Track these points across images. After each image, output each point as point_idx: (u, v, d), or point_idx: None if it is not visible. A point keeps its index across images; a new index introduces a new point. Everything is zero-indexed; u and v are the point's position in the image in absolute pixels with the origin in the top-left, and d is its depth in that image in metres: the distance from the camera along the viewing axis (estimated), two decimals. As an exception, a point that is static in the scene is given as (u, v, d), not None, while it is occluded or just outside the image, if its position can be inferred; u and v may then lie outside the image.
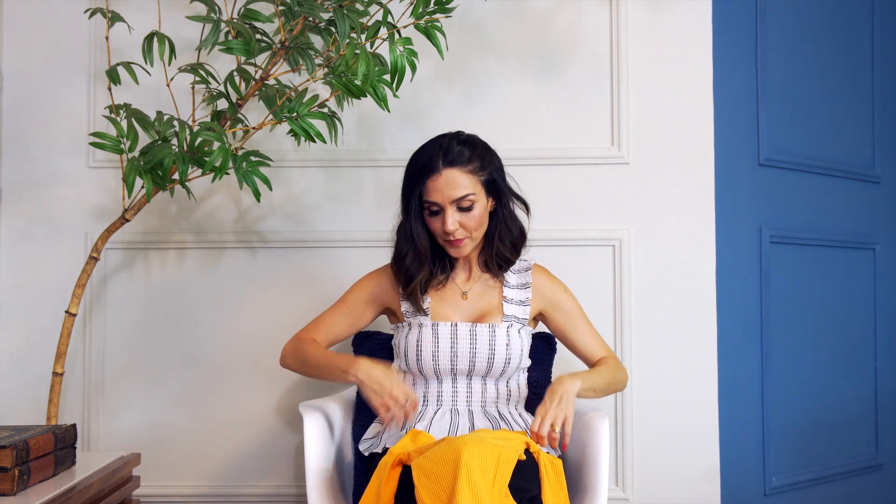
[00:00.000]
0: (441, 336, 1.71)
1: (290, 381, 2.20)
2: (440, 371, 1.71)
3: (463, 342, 1.71)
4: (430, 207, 1.70)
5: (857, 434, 2.61)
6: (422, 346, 1.71)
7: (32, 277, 2.20)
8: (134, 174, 1.74)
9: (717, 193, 2.24)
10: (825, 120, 2.56)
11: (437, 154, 1.69)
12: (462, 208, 1.69)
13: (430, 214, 1.71)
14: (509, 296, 1.79)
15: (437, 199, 1.68)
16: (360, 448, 1.75)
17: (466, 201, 1.69)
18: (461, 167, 1.69)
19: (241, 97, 1.87)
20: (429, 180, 1.68)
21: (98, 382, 2.20)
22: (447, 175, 1.68)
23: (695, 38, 2.24)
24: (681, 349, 2.20)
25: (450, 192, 1.67)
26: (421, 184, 1.69)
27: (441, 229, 1.70)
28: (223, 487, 2.21)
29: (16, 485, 1.43)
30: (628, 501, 2.19)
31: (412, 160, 1.73)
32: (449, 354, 1.71)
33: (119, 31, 1.97)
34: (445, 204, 1.68)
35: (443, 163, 1.68)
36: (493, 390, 1.74)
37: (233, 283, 2.22)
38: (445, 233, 1.69)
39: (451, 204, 1.68)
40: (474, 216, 1.70)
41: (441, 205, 1.68)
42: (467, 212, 1.69)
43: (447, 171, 1.68)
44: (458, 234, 1.70)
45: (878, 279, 2.67)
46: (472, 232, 1.71)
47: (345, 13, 1.69)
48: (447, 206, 1.68)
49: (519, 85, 2.24)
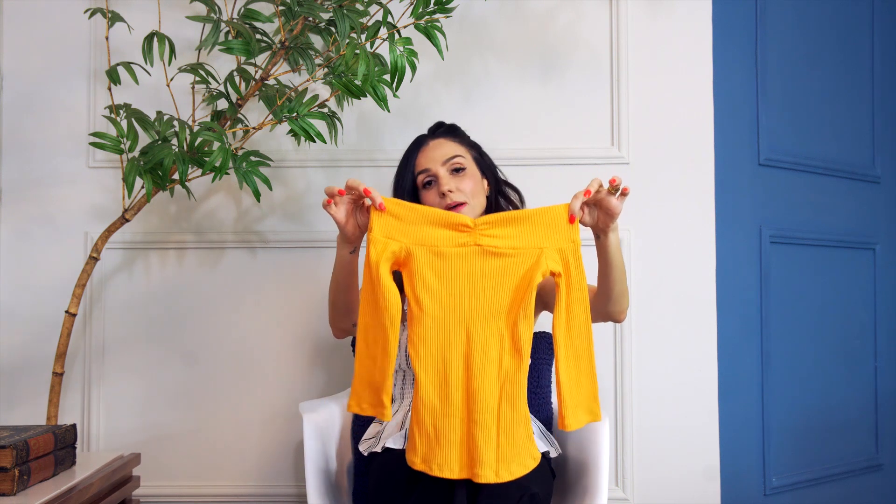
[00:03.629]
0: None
1: (290, 380, 2.20)
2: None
3: None
4: (424, 179, 1.72)
5: (857, 434, 2.61)
6: None
7: (32, 277, 2.20)
8: (134, 174, 1.74)
9: (717, 193, 2.24)
10: (825, 120, 2.56)
11: (423, 135, 1.79)
12: (454, 170, 1.71)
13: (425, 187, 1.72)
14: None
15: (428, 166, 1.72)
16: (359, 448, 1.75)
17: (456, 162, 1.72)
18: (448, 137, 1.76)
19: (241, 97, 1.87)
20: (419, 154, 1.74)
21: (98, 383, 2.20)
22: (435, 143, 1.75)
23: (695, 39, 2.24)
24: (681, 349, 2.20)
25: (439, 155, 1.71)
26: (412, 162, 1.74)
27: (437, 194, 1.70)
28: (223, 487, 2.21)
29: (16, 485, 1.43)
30: (628, 501, 2.19)
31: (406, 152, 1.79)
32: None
33: (119, 31, 1.97)
34: (437, 168, 1.71)
35: (430, 136, 1.77)
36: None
37: (233, 283, 2.22)
38: (442, 195, 1.69)
39: (442, 166, 1.71)
40: (468, 178, 1.71)
41: (433, 171, 1.71)
42: (460, 173, 1.71)
43: (435, 141, 1.75)
44: (457, 197, 1.69)
45: (878, 279, 2.67)
46: (469, 197, 1.70)
47: (345, 13, 1.69)
48: (439, 171, 1.71)
49: (519, 85, 2.24)
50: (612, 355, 2.20)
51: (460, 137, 1.79)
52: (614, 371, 2.20)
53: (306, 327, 2.21)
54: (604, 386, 2.19)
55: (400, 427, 1.66)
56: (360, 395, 1.48)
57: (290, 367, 2.21)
